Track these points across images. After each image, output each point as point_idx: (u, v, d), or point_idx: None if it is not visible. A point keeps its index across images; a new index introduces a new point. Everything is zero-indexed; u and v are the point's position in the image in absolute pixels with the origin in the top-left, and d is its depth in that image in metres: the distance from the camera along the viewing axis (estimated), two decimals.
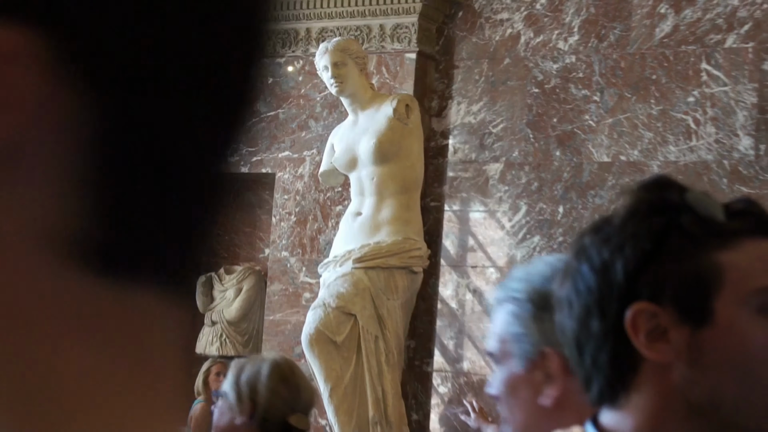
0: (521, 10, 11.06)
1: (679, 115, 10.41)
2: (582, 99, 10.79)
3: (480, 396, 10.56)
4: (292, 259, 11.47)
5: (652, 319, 2.05)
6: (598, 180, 10.68)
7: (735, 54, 10.28)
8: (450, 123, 11.24)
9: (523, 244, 10.87)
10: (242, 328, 12.00)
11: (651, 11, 10.59)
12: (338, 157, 7.97)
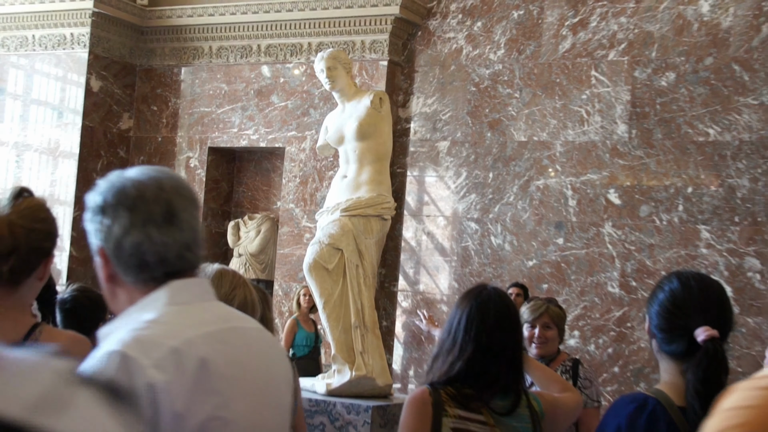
0: (463, 31, 11.11)
1: (575, 108, 10.52)
2: (506, 95, 10.87)
3: (431, 308, 10.76)
4: (296, 209, 11.56)
5: None
6: (517, 154, 10.75)
7: (615, 65, 10.35)
8: (411, 112, 11.40)
9: (463, 200, 10.99)
10: (261, 258, 11.97)
11: (556, 33, 10.66)
12: (330, 135, 8.04)
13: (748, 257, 9.70)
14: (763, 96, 9.77)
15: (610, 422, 2.70)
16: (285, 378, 2.32)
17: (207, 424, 2.01)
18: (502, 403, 3.20)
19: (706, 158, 9.96)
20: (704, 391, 2.58)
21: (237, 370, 2.13)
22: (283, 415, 2.29)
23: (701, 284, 2.81)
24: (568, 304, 10.16)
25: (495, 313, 3.23)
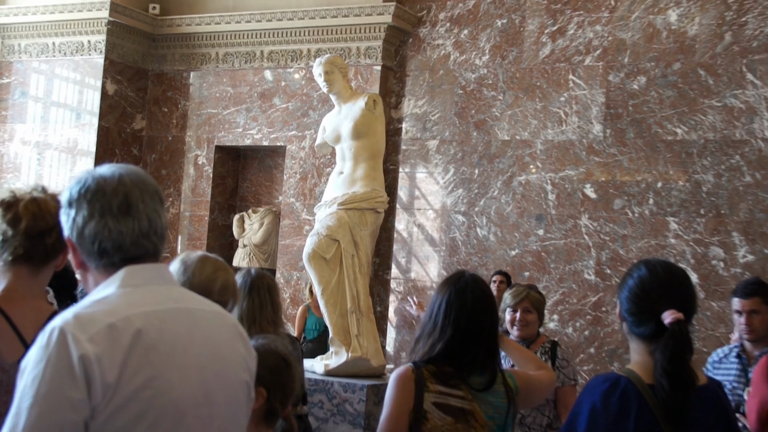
0: (451, 38, 11.11)
1: (555, 110, 10.51)
2: (491, 98, 10.85)
3: (421, 295, 10.69)
4: (297, 203, 11.53)
5: None
6: (501, 152, 10.74)
7: (591, 69, 10.36)
8: (403, 113, 11.38)
9: (451, 195, 10.99)
10: (264, 249, 11.89)
11: (536, 40, 10.66)
12: (328, 135, 8.02)
13: (713, 246, 9.74)
14: (726, 98, 9.79)
15: (585, 400, 2.71)
16: (237, 358, 2.29)
17: (138, 393, 2.02)
18: (479, 380, 3.22)
19: (675, 156, 9.98)
20: (671, 369, 2.62)
21: (175, 345, 2.13)
22: (234, 392, 2.26)
23: (667, 271, 2.83)
24: (548, 291, 10.18)
25: (472, 298, 3.25)
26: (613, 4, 10.39)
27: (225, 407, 2.23)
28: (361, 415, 6.97)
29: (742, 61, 9.77)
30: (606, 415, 2.62)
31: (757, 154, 9.63)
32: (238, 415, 2.29)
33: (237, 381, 2.27)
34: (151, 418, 2.04)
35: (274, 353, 3.10)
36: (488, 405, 3.23)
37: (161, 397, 2.06)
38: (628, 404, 2.63)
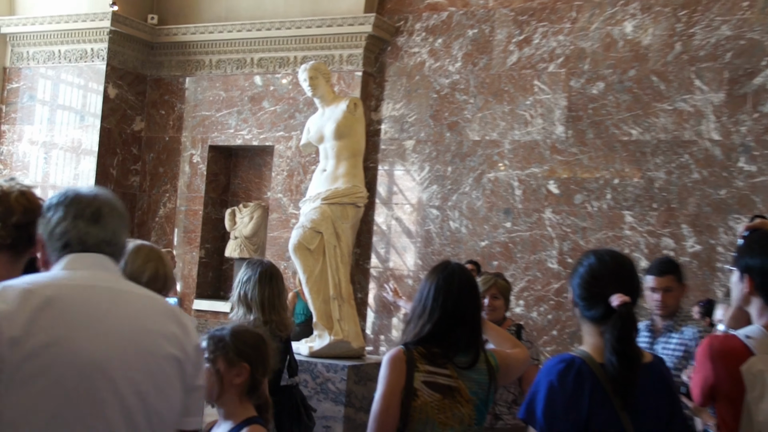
0: (426, 47, 11.09)
1: (521, 112, 10.50)
2: (463, 101, 10.83)
3: (399, 283, 10.68)
4: (284, 198, 11.48)
5: None
6: (472, 151, 10.73)
7: (554, 75, 10.35)
8: (382, 115, 11.33)
9: (426, 191, 10.96)
10: (253, 240, 11.84)
11: (504, 48, 10.64)
12: (312, 135, 7.98)
13: (664, 237, 9.78)
14: (676, 102, 9.83)
15: (543, 380, 2.72)
16: (165, 335, 2.28)
17: (43, 350, 2.05)
18: (464, 359, 3.23)
19: (630, 155, 10.00)
20: (620, 348, 2.65)
21: (89, 315, 2.16)
22: (157, 363, 2.24)
23: (614, 259, 2.86)
24: (515, 278, 10.20)
25: (458, 284, 3.26)
26: (575, 16, 10.41)
27: (143, 375, 2.20)
28: (342, 393, 6.95)
29: (691, 68, 9.81)
30: (563, 393, 2.64)
31: (704, 153, 9.66)
32: (161, 383, 2.24)
33: (162, 354, 2.25)
34: (54, 374, 2.05)
35: (253, 332, 3.11)
36: (472, 382, 3.25)
37: (66, 356, 2.07)
38: (582, 382, 2.65)
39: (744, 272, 2.94)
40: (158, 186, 12.55)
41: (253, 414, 3.02)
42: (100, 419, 2.11)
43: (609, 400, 2.64)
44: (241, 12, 12.04)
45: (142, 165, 12.67)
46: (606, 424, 2.63)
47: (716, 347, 2.84)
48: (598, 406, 2.63)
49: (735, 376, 2.71)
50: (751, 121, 9.51)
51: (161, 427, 2.25)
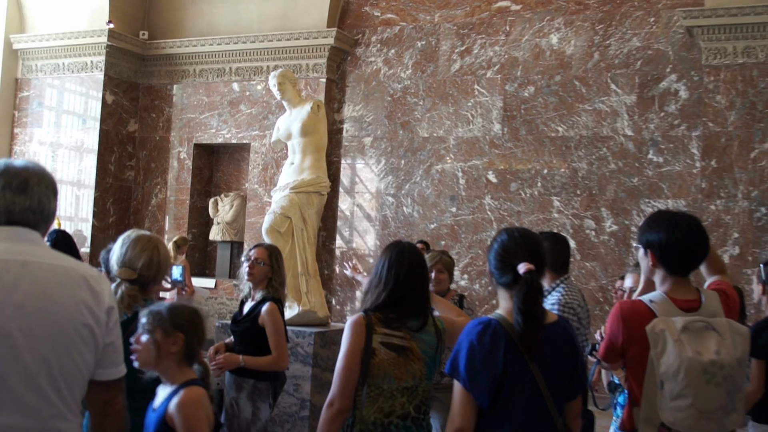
0: (381, 56, 11.01)
1: (464, 113, 10.45)
2: (413, 104, 10.76)
3: (360, 260, 10.72)
4: (260, 189, 11.38)
5: None
6: (421, 146, 10.66)
7: (491, 81, 10.31)
8: (344, 116, 11.22)
9: (383, 181, 10.89)
10: (234, 225, 11.73)
11: (448, 57, 10.59)
12: (281, 133, 7.85)
13: (586, 219, 9.79)
14: (595, 104, 9.85)
15: (464, 339, 2.73)
16: (75, 303, 2.18)
17: None
18: (415, 323, 3.22)
19: (557, 148, 9.99)
20: (524, 308, 2.66)
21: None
22: (62, 329, 2.14)
23: (522, 235, 2.86)
24: (459, 256, 10.19)
25: (408, 258, 3.25)
26: (508, 29, 10.38)
27: (48, 340, 2.11)
28: (309, 356, 6.86)
29: (607, 74, 9.83)
30: (481, 350, 2.66)
31: (620, 147, 9.70)
32: (67, 349, 2.15)
33: (68, 321, 2.15)
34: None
35: (188, 308, 3.04)
36: (422, 342, 3.24)
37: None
38: (497, 340, 2.67)
39: (647, 248, 2.96)
40: (150, 179, 12.41)
41: (193, 377, 2.96)
42: (4, 386, 2.05)
43: (520, 355, 2.66)
44: (221, 28, 11.93)
45: (136, 161, 12.54)
46: (518, 375, 2.65)
47: (626, 310, 2.88)
48: (511, 360, 2.65)
49: (641, 335, 2.74)
50: (658, 120, 9.56)
51: (68, 386, 2.16)
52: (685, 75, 9.46)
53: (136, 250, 3.27)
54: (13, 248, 2.16)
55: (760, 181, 8.90)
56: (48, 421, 2.10)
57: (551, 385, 2.68)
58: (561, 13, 10.12)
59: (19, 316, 2.07)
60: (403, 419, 3.10)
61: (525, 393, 2.65)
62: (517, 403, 2.65)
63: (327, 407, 3.08)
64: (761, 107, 8.94)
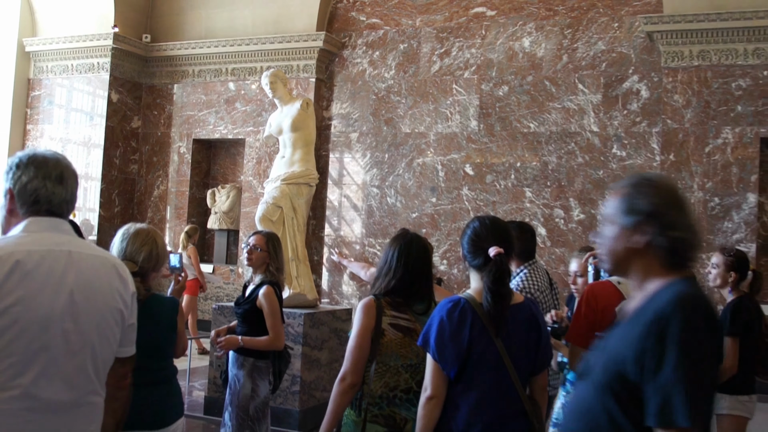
0: (366, 58, 10.92)
1: (443, 110, 10.40)
2: (396, 102, 10.70)
3: (348, 247, 10.70)
4: (254, 181, 11.30)
5: None
6: (404, 141, 10.61)
7: (468, 81, 10.26)
8: (332, 113, 11.14)
9: (368, 173, 10.81)
10: (230, 215, 11.64)
11: (429, 59, 10.53)
12: (273, 129, 7.79)
13: (556, 209, 9.78)
14: (564, 102, 9.83)
15: (436, 316, 2.76)
16: (110, 290, 2.24)
17: (10, 308, 2.00)
18: (420, 307, 3.25)
19: (529, 143, 9.97)
20: (493, 288, 2.70)
21: (49, 276, 2.09)
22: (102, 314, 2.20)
23: (492, 222, 2.89)
24: (439, 243, 10.17)
25: (416, 249, 3.26)
26: (484, 33, 10.33)
27: (90, 324, 2.17)
28: (300, 335, 6.82)
29: (575, 75, 9.82)
30: (450, 325, 2.69)
31: (587, 142, 9.70)
32: (104, 331, 2.22)
33: (106, 306, 2.22)
34: (18, 328, 2.01)
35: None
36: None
37: (29, 312, 2.03)
38: (465, 317, 2.69)
39: None
40: (153, 172, 12.31)
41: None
42: (55, 365, 2.08)
43: (486, 331, 2.68)
44: (218, 31, 11.83)
45: (139, 155, 12.44)
46: (484, 349, 2.68)
47: (597, 291, 2.93)
48: (477, 335, 2.68)
49: (610, 313, 2.76)
50: (622, 117, 9.57)
51: (104, 365, 2.24)
52: (646, 76, 9.48)
53: (136, 244, 3.28)
54: (57, 239, 2.17)
55: (714, 174, 8.93)
56: (85, 396, 2.16)
57: (515, 360, 2.71)
58: (532, 19, 10.09)
59: (70, 302, 2.10)
60: (406, 393, 3.12)
61: (490, 365, 2.68)
62: (483, 375, 2.68)
63: (339, 381, 3.08)
64: (715, 106, 8.98)
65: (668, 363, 1.69)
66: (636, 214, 1.91)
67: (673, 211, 1.89)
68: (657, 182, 1.96)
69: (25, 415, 2.01)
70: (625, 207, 1.93)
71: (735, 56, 8.98)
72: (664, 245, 1.87)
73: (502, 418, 2.68)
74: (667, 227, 1.88)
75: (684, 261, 1.91)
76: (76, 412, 2.13)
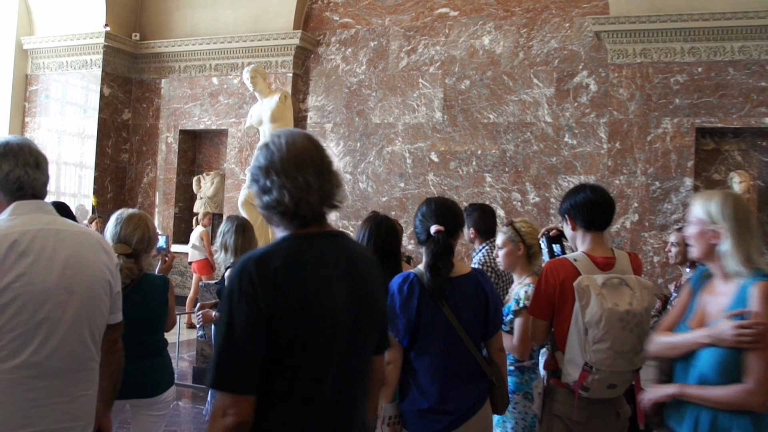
0: (339, 55, 10.67)
1: (411, 102, 10.20)
2: (367, 95, 10.47)
3: None
4: (236, 168, 11.03)
5: None
6: (374, 131, 10.39)
7: (433, 75, 10.08)
8: (308, 105, 10.86)
9: (342, 160, 10.57)
10: (215, 200, 11.37)
11: (397, 55, 10.32)
12: (254, 120, 7.65)
13: (513, 192, 9.71)
14: (521, 95, 9.72)
15: (390, 289, 2.74)
16: (98, 263, 2.21)
17: (11, 284, 1.99)
18: None
19: (489, 133, 9.84)
20: (431, 263, 2.68)
21: (42, 252, 2.06)
22: (92, 286, 2.17)
23: (437, 204, 2.84)
24: (407, 224, 10.05)
25: (385, 228, 3.22)
26: (447, 32, 10.17)
27: (84, 295, 2.15)
28: None
29: (530, 70, 9.73)
30: (400, 298, 2.69)
31: (541, 131, 9.63)
32: (96, 301, 2.20)
33: (95, 278, 2.19)
34: (20, 302, 2.01)
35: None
36: None
37: (29, 287, 2.02)
38: (413, 290, 2.69)
39: (565, 215, 2.94)
40: (142, 161, 12.00)
41: None
42: (55, 335, 2.07)
43: (433, 301, 2.68)
44: (202, 30, 11.51)
45: (130, 145, 12.13)
46: (432, 318, 2.68)
47: (555, 267, 2.82)
48: (424, 306, 2.68)
49: (568, 289, 2.72)
50: (573, 108, 9.50)
51: (98, 333, 2.22)
52: (594, 71, 9.39)
53: (129, 227, 3.25)
54: (44, 219, 2.14)
55: (655, 160, 8.91)
56: (83, 362, 2.16)
57: (466, 326, 2.70)
58: (492, 19, 9.92)
59: (64, 276, 2.08)
60: None
61: (439, 332, 2.68)
62: (433, 340, 2.69)
63: None
64: (655, 99, 8.95)
65: None
66: None
67: (268, 174, 1.78)
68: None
69: (29, 382, 2.01)
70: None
71: (673, 54, 8.93)
72: None
73: (457, 377, 2.68)
74: None
75: None
76: (75, 378, 2.12)
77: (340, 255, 1.79)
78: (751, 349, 2.12)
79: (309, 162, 1.75)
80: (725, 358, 2.17)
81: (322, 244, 1.77)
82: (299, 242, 1.73)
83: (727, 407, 2.16)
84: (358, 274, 1.81)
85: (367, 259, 1.90)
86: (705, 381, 2.21)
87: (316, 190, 1.74)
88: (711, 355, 2.20)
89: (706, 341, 2.21)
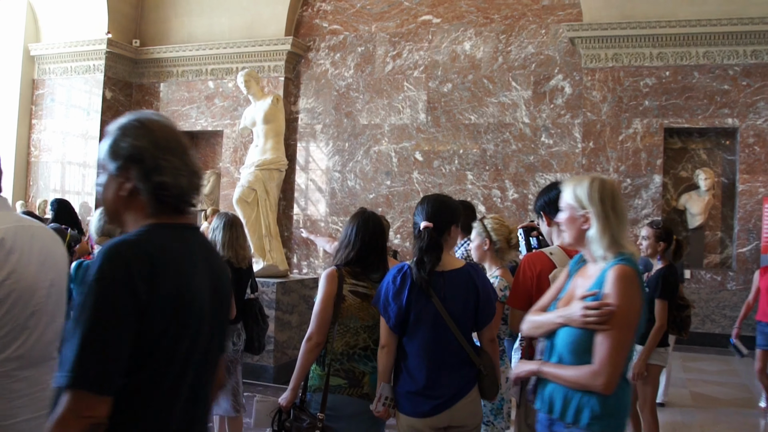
0: (328, 59, 10.62)
1: (396, 104, 10.18)
2: (355, 97, 10.43)
3: (313, 224, 10.55)
4: (231, 167, 10.97)
5: None
6: (362, 132, 10.36)
7: (417, 79, 10.07)
8: (299, 107, 10.80)
9: (331, 160, 10.55)
10: (211, 197, 11.35)
11: (383, 60, 10.29)
12: (247, 121, 7.58)
13: (494, 189, 9.72)
14: (500, 97, 9.73)
15: (386, 279, 2.78)
16: (62, 257, 2.17)
17: (5, 282, 1.93)
18: (376, 276, 3.14)
19: (470, 133, 9.84)
20: (419, 257, 2.69)
21: (24, 249, 2.00)
22: (62, 278, 2.14)
23: (431, 201, 2.83)
24: (393, 220, 10.07)
25: (372, 225, 3.15)
26: (431, 38, 10.15)
27: (59, 287, 2.13)
28: (273, 301, 6.69)
29: (509, 74, 9.73)
30: (393, 287, 2.71)
31: (519, 131, 9.64)
32: (64, 291, 2.18)
33: (63, 270, 2.16)
34: (13, 298, 1.95)
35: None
36: None
37: (19, 283, 1.97)
38: (405, 280, 2.70)
39: (540, 212, 2.92)
40: None
41: None
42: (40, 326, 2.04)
43: (423, 292, 2.68)
44: (198, 37, 11.43)
45: None
46: (422, 307, 2.69)
47: (532, 260, 2.82)
48: (415, 296, 2.68)
49: (544, 280, 2.70)
50: (549, 110, 9.52)
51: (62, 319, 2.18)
52: (569, 75, 9.41)
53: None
54: (14, 216, 2.06)
55: (626, 159, 8.94)
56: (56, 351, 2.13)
57: (455, 316, 2.69)
58: (472, 26, 9.90)
59: (42, 270, 2.04)
60: (364, 350, 3.04)
61: (428, 321, 2.68)
62: (422, 328, 2.69)
63: (306, 341, 2.97)
64: (626, 101, 8.98)
65: None
66: (119, 158, 1.49)
67: (160, 153, 1.48)
68: (147, 123, 1.52)
69: (16, 373, 1.96)
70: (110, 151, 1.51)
71: (643, 59, 8.97)
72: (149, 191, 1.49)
73: (445, 364, 2.69)
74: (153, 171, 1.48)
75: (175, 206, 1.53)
76: (50, 366, 2.08)
77: (201, 249, 1.57)
78: (598, 331, 2.01)
79: (181, 147, 1.53)
80: (576, 338, 2.07)
81: (187, 236, 1.54)
82: (168, 232, 1.49)
83: (575, 387, 2.05)
84: (216, 271, 1.61)
85: (218, 255, 1.70)
86: (561, 360, 2.12)
87: (186, 176, 1.51)
88: (566, 335, 2.10)
89: (561, 321, 2.11)
